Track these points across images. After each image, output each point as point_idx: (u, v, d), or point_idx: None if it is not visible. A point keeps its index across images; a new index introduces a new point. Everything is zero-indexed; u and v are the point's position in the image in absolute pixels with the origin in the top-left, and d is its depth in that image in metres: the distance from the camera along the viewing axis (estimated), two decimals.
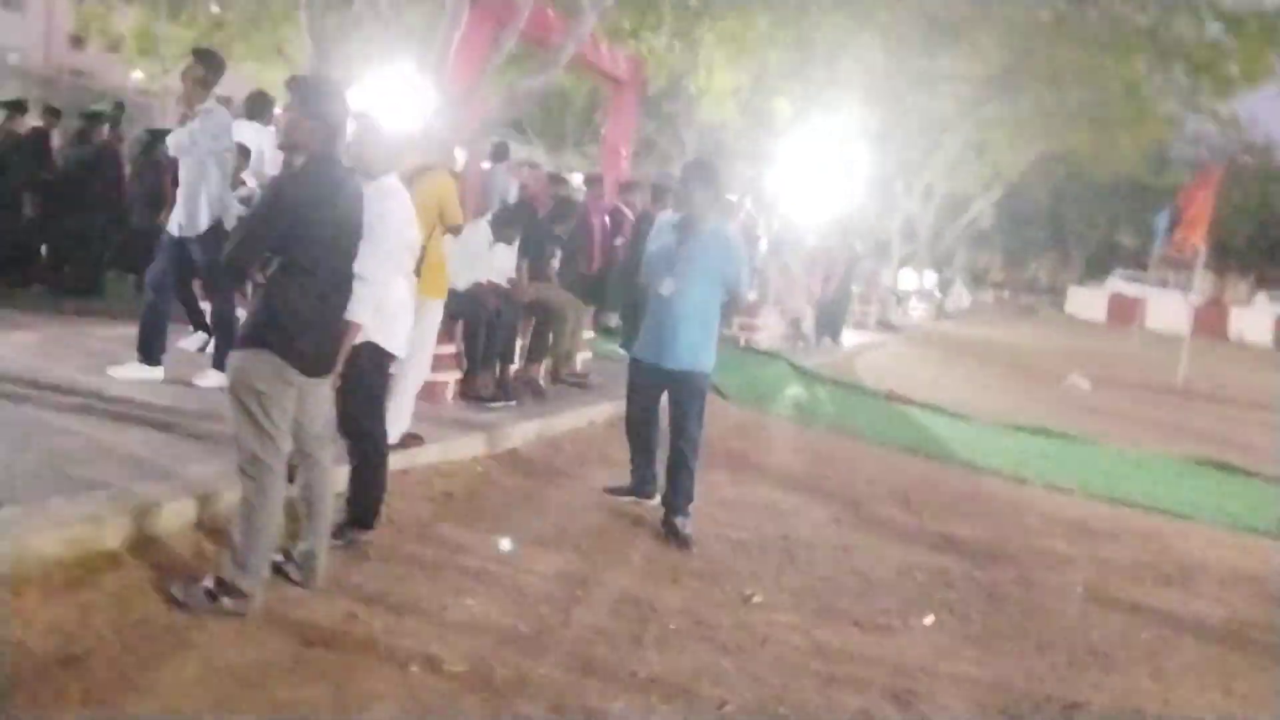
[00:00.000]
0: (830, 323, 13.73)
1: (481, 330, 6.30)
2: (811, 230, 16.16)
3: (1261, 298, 39.68)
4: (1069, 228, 41.65)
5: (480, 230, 6.38)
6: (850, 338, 15.82)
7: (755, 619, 4.19)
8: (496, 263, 6.75)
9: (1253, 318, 33.76)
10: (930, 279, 23.90)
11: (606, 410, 7.21)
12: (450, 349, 6.41)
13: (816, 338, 13.53)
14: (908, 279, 23.63)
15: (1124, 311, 27.75)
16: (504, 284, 6.78)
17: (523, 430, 6.18)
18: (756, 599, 4.41)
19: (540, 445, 6.26)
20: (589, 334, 9.18)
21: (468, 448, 5.62)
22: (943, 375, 14.00)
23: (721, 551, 4.96)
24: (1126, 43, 15.90)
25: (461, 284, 6.28)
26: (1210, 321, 32.09)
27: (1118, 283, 36.79)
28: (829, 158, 19.36)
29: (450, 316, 6.25)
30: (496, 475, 5.53)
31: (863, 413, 9.71)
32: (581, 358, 7.98)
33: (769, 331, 12.33)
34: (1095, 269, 42.56)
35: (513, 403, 6.60)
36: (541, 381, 7.20)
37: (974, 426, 9.77)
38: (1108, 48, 15.80)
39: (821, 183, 19.38)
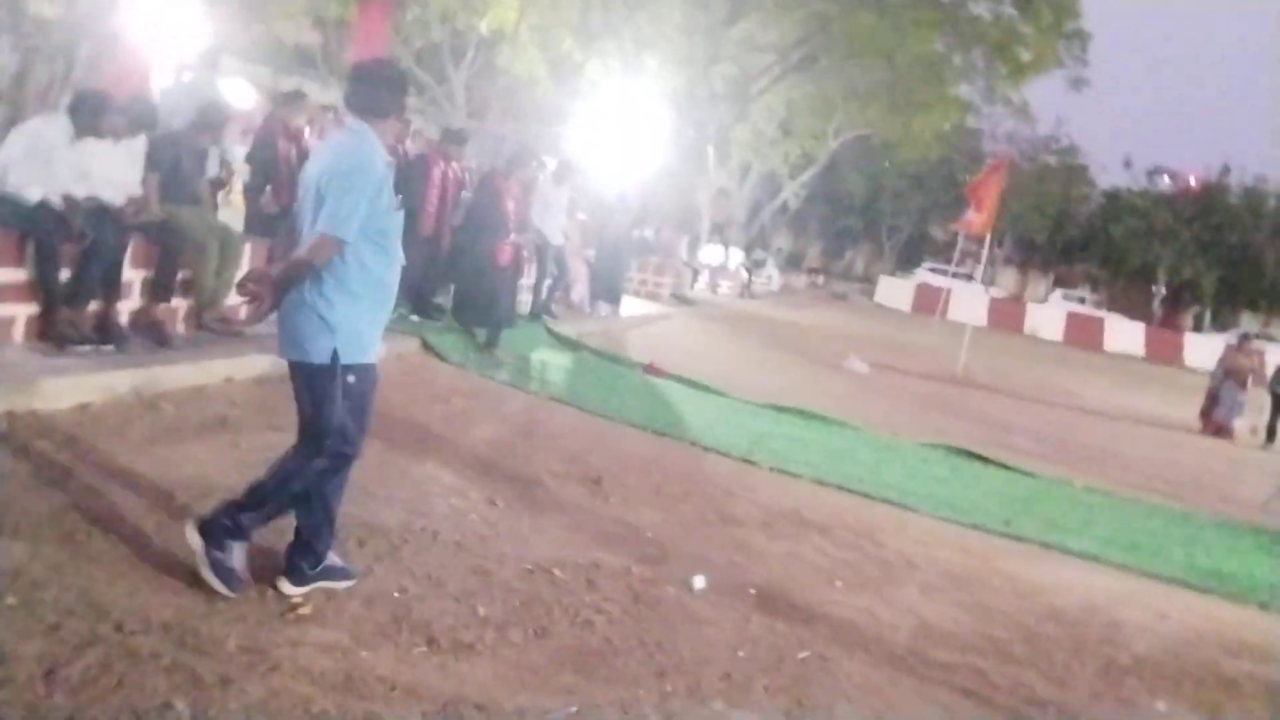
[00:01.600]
0: (608, 290, 12.76)
1: (56, 254, 4.88)
2: (606, 194, 15.19)
3: (1056, 295, 41.79)
4: (883, 219, 42.65)
5: (56, 123, 4.94)
6: (635, 307, 14.96)
7: (288, 635, 3.08)
8: (91, 168, 5.35)
9: (1047, 314, 35.30)
10: (737, 256, 23.36)
11: (255, 365, 5.92)
12: (20, 276, 4.98)
13: (590, 304, 12.54)
14: (713, 253, 23.04)
15: (928, 302, 28.22)
16: (106, 197, 5.37)
17: (96, 382, 4.81)
18: (304, 609, 3.30)
19: (119, 405, 4.90)
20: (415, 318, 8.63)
21: None
22: (720, 352, 13.33)
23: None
24: (925, 18, 15.64)
25: (32, 194, 4.86)
26: (1009, 316, 33.32)
27: (924, 274, 37.80)
28: (632, 120, 18.51)
29: (18, 235, 4.84)
30: None
31: (605, 384, 8.78)
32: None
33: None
34: (907, 260, 43.82)
35: (108, 346, 5.23)
36: (176, 326, 5.84)
37: (727, 404, 9.00)
38: (906, 22, 15.49)
39: (624, 146, 18.51)
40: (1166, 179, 44.76)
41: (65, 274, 5.16)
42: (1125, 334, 33.43)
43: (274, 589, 3.34)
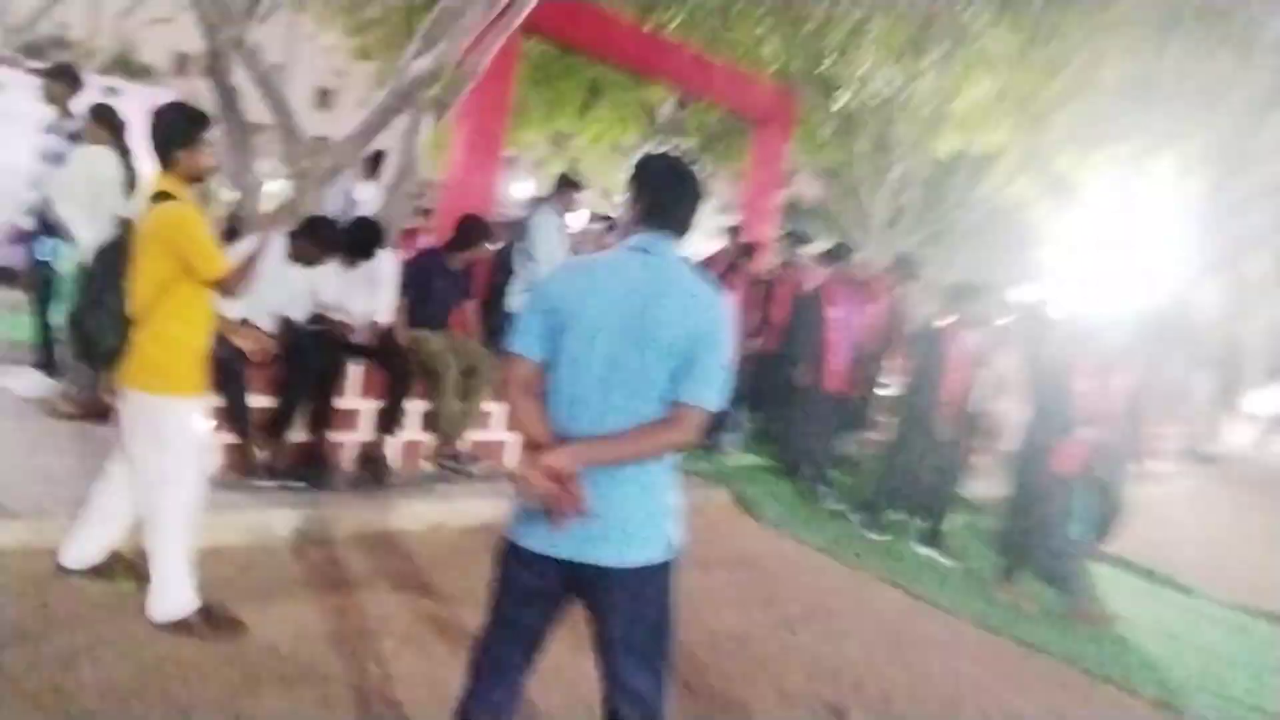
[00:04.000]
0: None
1: (239, 377, 4.54)
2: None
3: None
4: None
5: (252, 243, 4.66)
6: None
7: None
8: (318, 289, 5.04)
9: None
10: (1275, 399, 17.79)
11: (473, 512, 5.08)
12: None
13: None
14: (1269, 399, 17.83)
15: None
16: (307, 319, 5.02)
17: (241, 522, 4.26)
18: None
19: (255, 550, 4.27)
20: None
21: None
22: (1228, 531, 9.70)
23: None
24: None
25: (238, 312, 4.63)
26: None
27: None
28: (1136, 239, 15.35)
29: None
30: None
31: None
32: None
33: None
34: None
35: (298, 483, 4.74)
36: (418, 463, 5.25)
37: (1185, 606, 6.13)
38: None
39: (1125, 269, 15.40)
40: None
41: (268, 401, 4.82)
42: None
43: None
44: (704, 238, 9.54)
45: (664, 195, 2.34)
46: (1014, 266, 17.80)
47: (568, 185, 7.01)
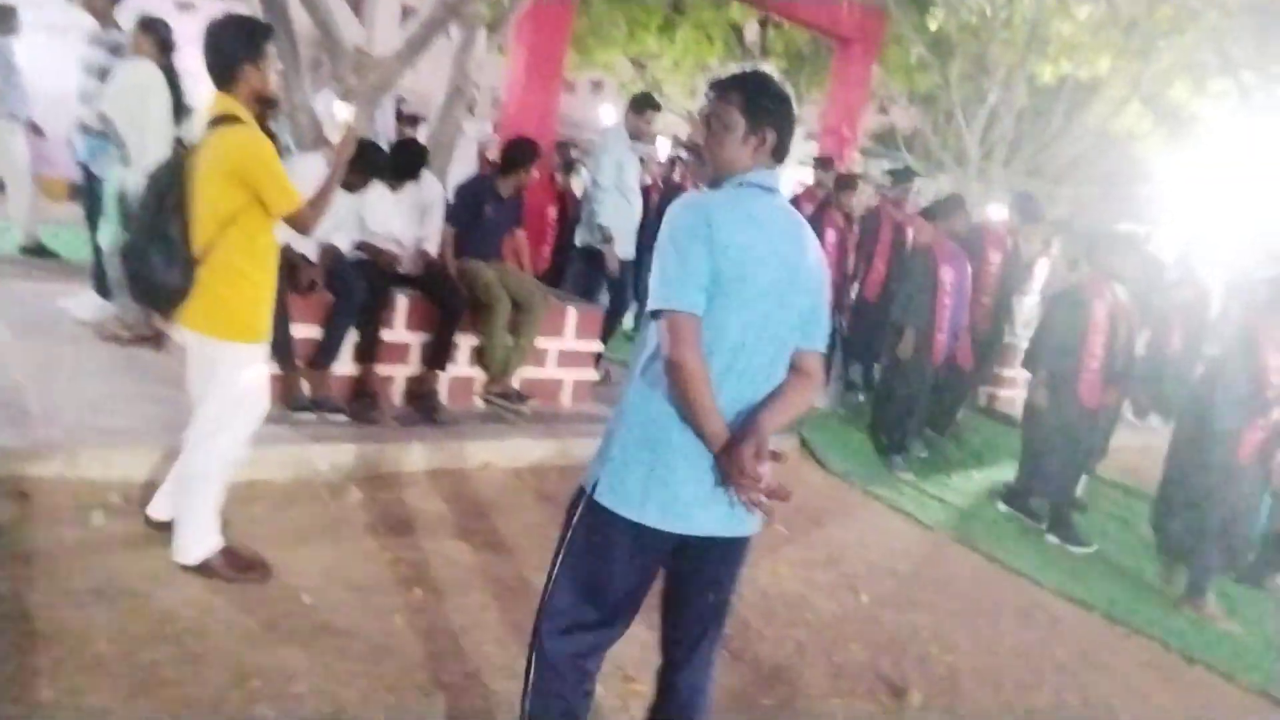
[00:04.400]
0: (1161, 398, 9.29)
1: (283, 307, 4.34)
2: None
3: None
4: None
5: (310, 164, 4.41)
6: None
7: None
8: (365, 216, 4.80)
9: None
10: None
11: (526, 452, 4.86)
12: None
13: (1140, 414, 9.26)
14: None
15: None
16: (353, 246, 4.80)
17: (278, 457, 4.10)
18: None
19: (292, 486, 4.12)
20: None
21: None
22: None
23: None
24: None
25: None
26: None
27: None
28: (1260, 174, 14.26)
29: None
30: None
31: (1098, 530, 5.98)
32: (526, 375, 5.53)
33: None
34: None
35: (338, 415, 4.57)
36: (449, 397, 5.04)
37: None
38: None
39: (1233, 206, 14.37)
40: None
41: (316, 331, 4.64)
42: None
43: None
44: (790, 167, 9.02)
45: (787, 125, 2.10)
46: (1123, 202, 16.73)
47: (644, 106, 6.27)
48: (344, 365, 4.80)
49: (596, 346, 5.82)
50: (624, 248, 6.05)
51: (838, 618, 3.95)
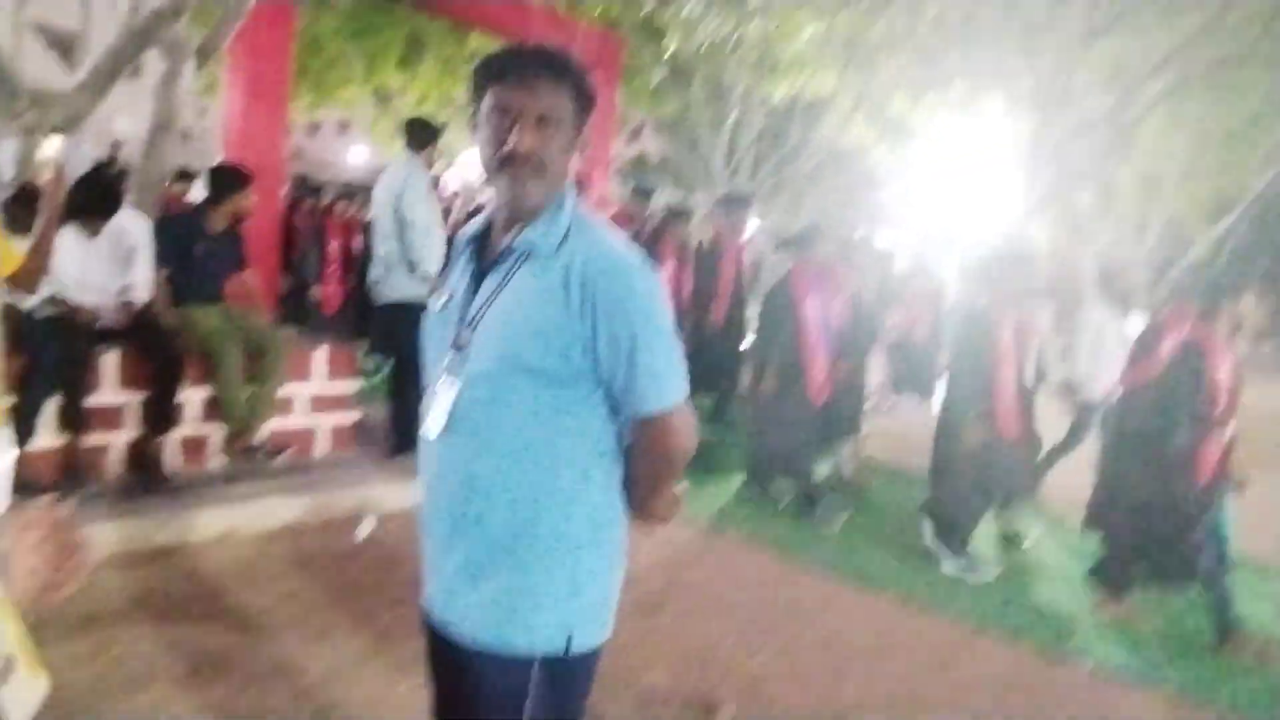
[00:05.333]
0: (913, 376, 9.85)
1: None
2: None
3: None
4: None
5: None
6: None
7: None
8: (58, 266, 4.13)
9: None
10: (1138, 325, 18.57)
11: (275, 510, 4.32)
12: None
13: (889, 394, 9.75)
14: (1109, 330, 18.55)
15: None
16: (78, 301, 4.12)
17: None
18: None
19: None
20: None
21: None
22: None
23: None
24: None
25: None
26: None
27: None
28: (970, 177, 15.59)
29: None
30: None
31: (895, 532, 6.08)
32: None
33: None
34: None
35: (47, 494, 3.86)
36: (184, 459, 4.41)
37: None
38: None
39: (958, 210, 15.65)
40: None
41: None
42: None
43: None
44: None
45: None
46: (860, 209, 17.84)
47: (424, 132, 5.48)
48: (47, 436, 4.09)
49: (352, 386, 5.33)
50: None
51: (636, 640, 3.71)
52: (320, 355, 5.13)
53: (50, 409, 4.11)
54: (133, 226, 4.49)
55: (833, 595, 4.54)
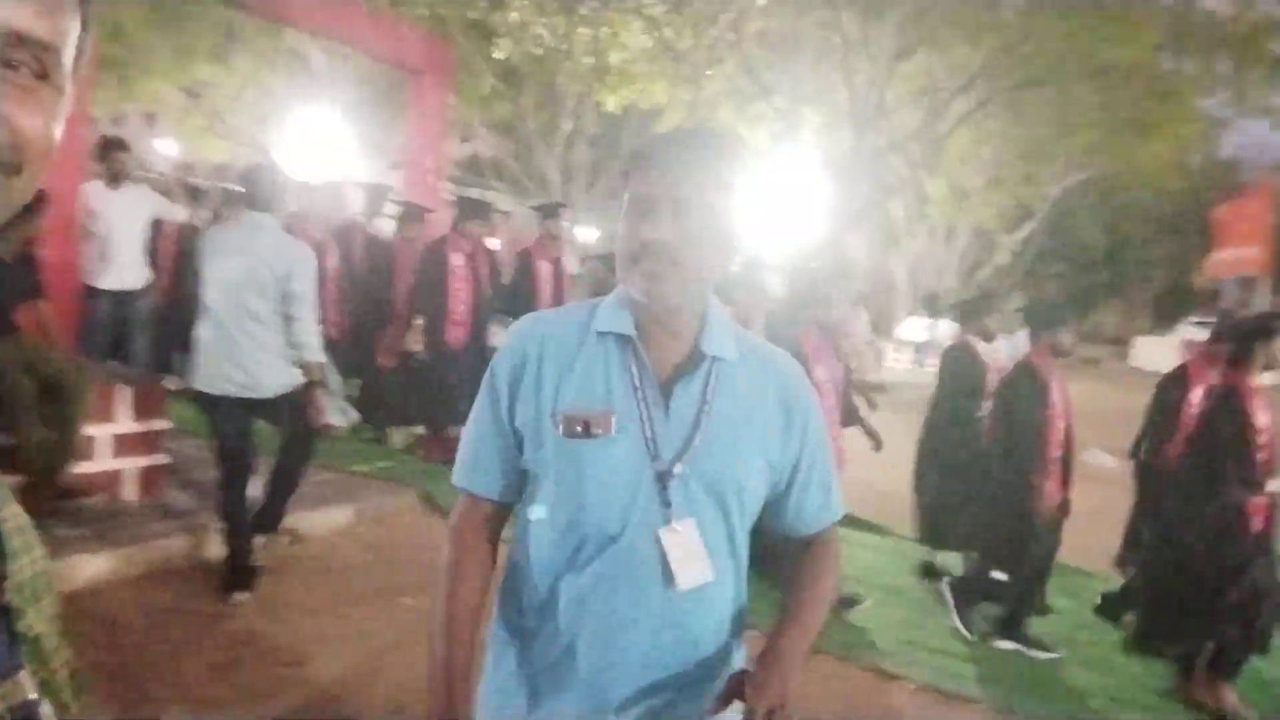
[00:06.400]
0: None
1: None
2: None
3: None
4: (1130, 271, 37.20)
5: None
6: None
7: None
8: None
9: None
10: (948, 329, 19.85)
11: (76, 568, 3.97)
12: None
13: None
14: (915, 328, 19.79)
15: None
16: None
17: None
18: None
19: None
20: None
21: None
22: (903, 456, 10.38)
23: None
24: (1138, 17, 12.18)
25: None
26: None
27: (1190, 330, 32.00)
28: (796, 188, 16.13)
29: None
30: None
31: None
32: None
33: None
34: (1166, 315, 37.89)
35: None
36: None
37: (889, 548, 6.28)
38: (1114, 26, 12.11)
39: (786, 219, 16.14)
40: None
41: None
42: None
43: None
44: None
45: None
46: None
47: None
48: None
49: (162, 424, 4.97)
50: None
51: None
52: (124, 392, 4.76)
53: None
54: None
55: None
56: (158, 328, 6.79)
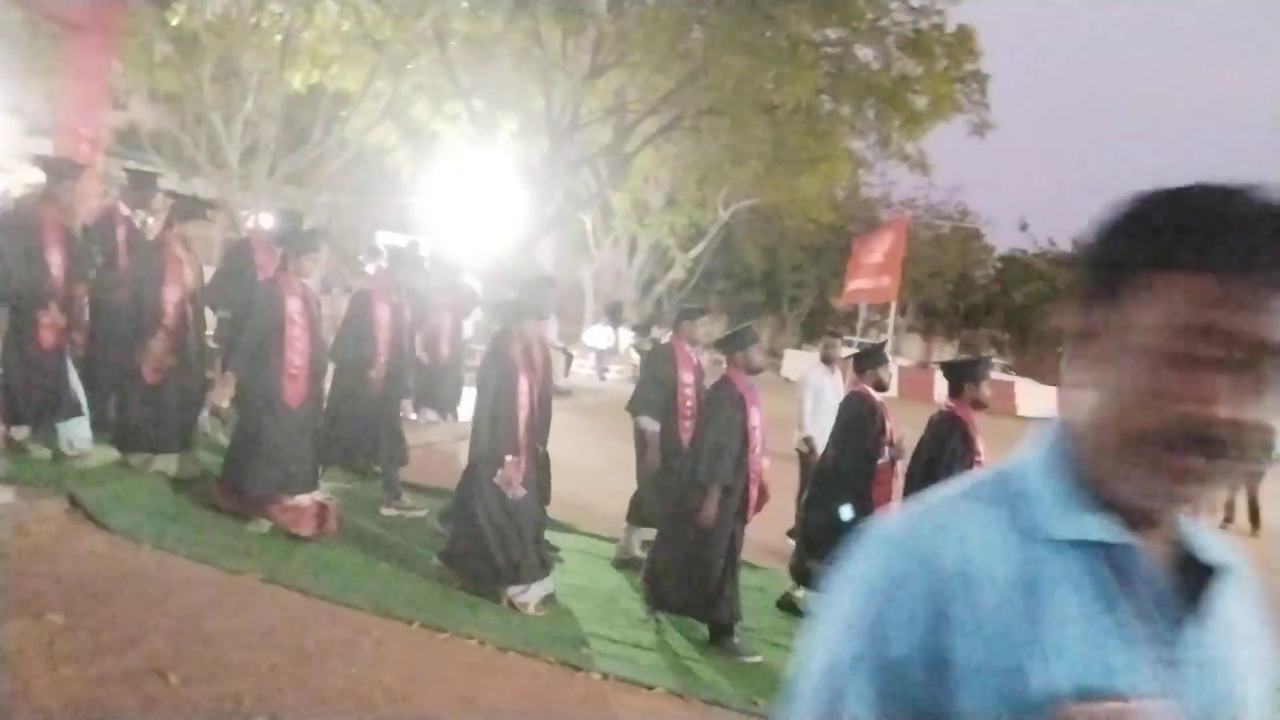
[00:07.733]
0: (430, 392, 10.00)
1: None
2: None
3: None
4: (784, 291, 41.20)
5: None
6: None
7: None
8: None
9: None
10: (627, 337, 20.89)
11: None
12: None
13: (416, 410, 9.84)
14: (598, 336, 20.61)
15: None
16: None
17: None
18: None
19: None
20: None
21: None
22: (586, 457, 10.81)
23: None
24: (804, 58, 13.70)
25: None
26: (918, 384, 31.51)
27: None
28: (491, 191, 16.27)
29: None
30: None
31: (373, 547, 6.12)
32: None
33: None
34: (811, 332, 42.34)
35: None
36: None
37: (582, 545, 6.55)
38: (784, 65, 13.53)
39: (481, 221, 16.27)
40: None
41: None
42: (1038, 397, 32.13)
43: None
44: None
45: None
46: (380, 211, 17.67)
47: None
48: None
49: None
50: None
51: (148, 708, 3.36)
52: None
53: None
54: None
55: (362, 631, 4.50)
56: None
